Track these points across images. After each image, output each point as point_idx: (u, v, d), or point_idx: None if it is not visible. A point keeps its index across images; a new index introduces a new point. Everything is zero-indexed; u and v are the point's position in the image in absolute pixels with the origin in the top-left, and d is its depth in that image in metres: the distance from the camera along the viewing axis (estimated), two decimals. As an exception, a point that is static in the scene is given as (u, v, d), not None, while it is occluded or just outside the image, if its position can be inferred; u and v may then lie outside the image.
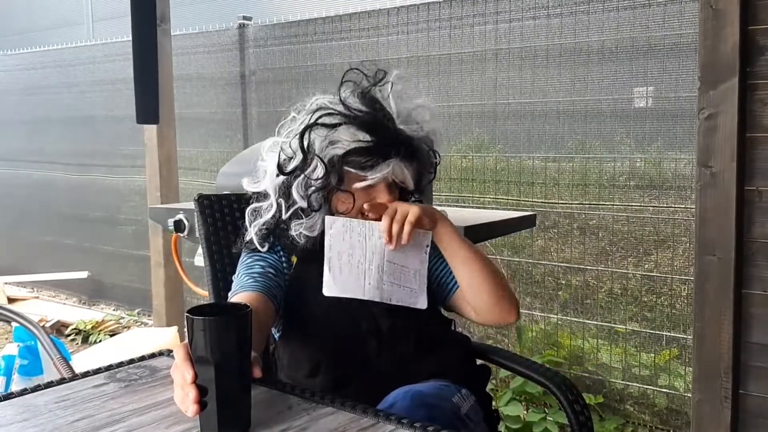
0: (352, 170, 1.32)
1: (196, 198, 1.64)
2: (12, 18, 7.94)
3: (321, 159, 1.32)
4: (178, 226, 2.63)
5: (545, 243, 3.15)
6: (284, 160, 1.36)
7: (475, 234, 2.16)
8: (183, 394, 0.94)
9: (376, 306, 1.35)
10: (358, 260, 1.32)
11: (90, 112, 5.07)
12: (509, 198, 3.20)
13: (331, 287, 1.31)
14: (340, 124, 1.33)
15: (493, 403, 1.50)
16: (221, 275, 1.58)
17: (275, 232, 1.39)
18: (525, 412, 2.81)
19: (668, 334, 2.85)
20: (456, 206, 3.28)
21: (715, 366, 2.08)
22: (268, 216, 1.37)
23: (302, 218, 1.36)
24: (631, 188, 2.94)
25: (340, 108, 1.34)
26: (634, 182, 2.94)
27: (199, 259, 1.87)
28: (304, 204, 1.35)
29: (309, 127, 1.33)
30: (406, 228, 1.27)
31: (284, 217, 1.36)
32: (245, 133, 4.14)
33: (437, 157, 1.45)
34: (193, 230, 2.56)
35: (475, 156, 3.33)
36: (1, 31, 7.72)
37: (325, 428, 0.97)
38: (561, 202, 3.08)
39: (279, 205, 1.36)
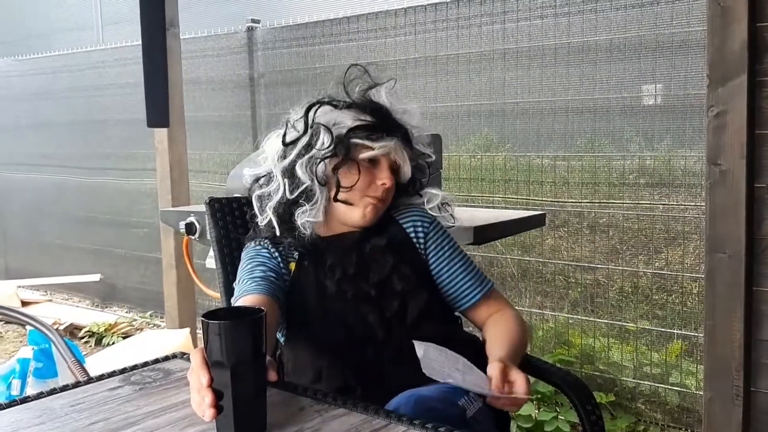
0: (359, 141, 1.39)
1: (207, 201, 1.65)
2: (22, 24, 8.00)
3: (328, 129, 1.39)
4: (190, 228, 2.66)
5: (555, 242, 3.15)
6: (290, 140, 1.42)
7: (485, 234, 2.16)
8: (199, 399, 0.95)
9: (372, 315, 1.36)
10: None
11: (101, 115, 5.10)
12: (518, 197, 3.20)
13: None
14: (343, 107, 1.43)
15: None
16: (233, 277, 1.58)
17: (283, 223, 1.42)
18: (536, 412, 2.82)
19: (679, 332, 2.84)
20: (465, 206, 3.28)
21: (726, 364, 2.07)
22: (277, 197, 1.41)
23: (305, 205, 1.39)
24: (640, 186, 2.94)
25: (343, 95, 1.45)
26: (643, 180, 2.93)
27: (211, 261, 1.88)
28: (308, 181, 1.38)
29: (315, 104, 1.42)
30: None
31: (291, 197, 1.39)
32: (255, 136, 4.16)
33: (429, 156, 1.52)
34: (204, 232, 2.58)
35: (484, 155, 3.34)
36: (11, 36, 7.78)
37: (338, 429, 0.98)
38: (570, 200, 3.08)
39: (284, 186, 1.40)
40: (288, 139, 1.41)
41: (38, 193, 5.69)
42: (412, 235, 1.49)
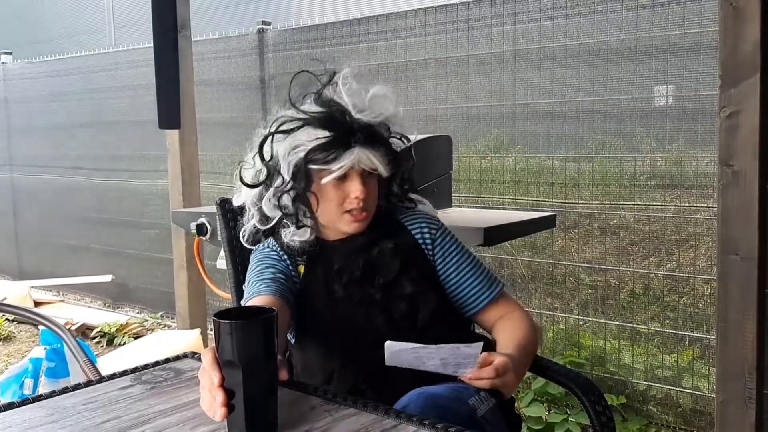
0: (317, 167, 1.36)
1: (218, 202, 1.66)
2: (36, 26, 8.06)
3: (286, 165, 1.37)
4: (201, 229, 2.67)
5: (566, 243, 3.14)
6: (253, 175, 1.42)
7: (495, 235, 2.16)
8: (210, 398, 0.95)
9: (380, 318, 1.36)
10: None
11: (113, 117, 5.13)
12: (529, 198, 3.19)
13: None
14: (297, 128, 1.37)
15: (515, 404, 1.49)
16: (244, 278, 1.59)
17: (273, 235, 1.45)
18: (547, 413, 2.81)
19: (691, 334, 2.83)
20: (475, 207, 3.28)
21: (738, 366, 2.06)
22: (249, 225, 1.45)
23: (290, 227, 1.41)
24: (652, 187, 2.92)
25: (295, 113, 1.38)
26: (655, 181, 2.92)
27: (222, 262, 1.88)
28: (276, 213, 1.40)
29: (266, 138, 1.38)
30: (489, 384, 1.23)
31: (264, 227, 1.43)
32: (265, 137, 4.17)
33: (406, 140, 1.48)
34: (215, 233, 2.59)
35: (495, 157, 3.33)
36: (25, 39, 7.84)
37: (348, 429, 0.98)
38: (581, 202, 3.07)
39: (257, 218, 1.44)
40: (248, 179, 1.42)
41: (51, 194, 5.73)
42: (420, 240, 1.48)
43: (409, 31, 3.46)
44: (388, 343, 1.19)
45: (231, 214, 1.65)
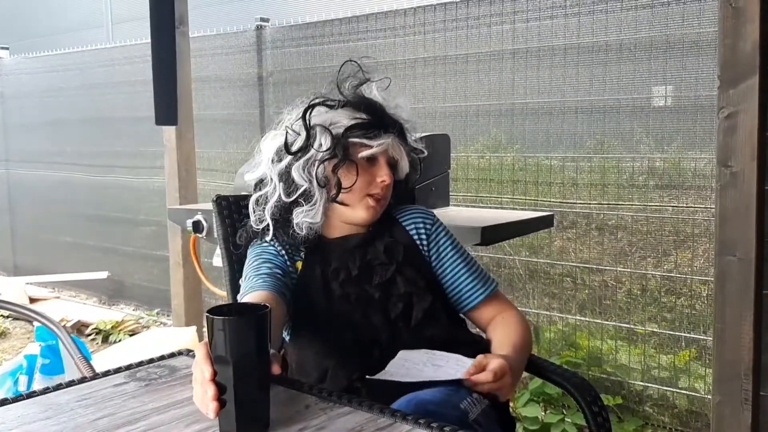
0: (357, 140, 1.39)
1: (214, 199, 1.65)
2: (33, 21, 8.04)
3: (325, 129, 1.38)
4: (197, 226, 2.65)
5: (563, 243, 3.14)
6: (276, 149, 1.43)
7: (493, 234, 2.15)
8: (202, 392, 0.95)
9: (376, 317, 1.36)
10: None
11: (110, 113, 5.12)
12: (527, 198, 3.19)
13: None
14: (340, 106, 1.42)
15: (511, 404, 1.49)
16: (240, 275, 1.58)
17: (279, 224, 1.42)
18: (543, 414, 2.80)
19: (688, 335, 2.82)
20: (474, 206, 3.27)
21: (735, 367, 2.05)
22: (273, 200, 1.41)
23: (303, 206, 1.40)
24: (650, 188, 2.92)
25: (336, 94, 1.44)
26: (653, 182, 2.91)
27: (218, 260, 1.88)
28: (306, 184, 1.39)
29: (311, 107, 1.41)
30: (486, 388, 1.24)
31: (288, 200, 1.40)
32: (263, 134, 4.15)
33: (422, 151, 1.52)
34: (211, 231, 2.58)
35: (493, 156, 3.32)
36: (22, 34, 7.82)
37: (343, 428, 0.97)
38: (579, 202, 3.06)
39: (281, 189, 1.41)
40: (270, 153, 1.43)
41: (47, 191, 5.72)
42: (415, 236, 1.49)
43: (408, 29, 3.46)
44: (368, 378, 1.21)
45: (227, 212, 1.65)
